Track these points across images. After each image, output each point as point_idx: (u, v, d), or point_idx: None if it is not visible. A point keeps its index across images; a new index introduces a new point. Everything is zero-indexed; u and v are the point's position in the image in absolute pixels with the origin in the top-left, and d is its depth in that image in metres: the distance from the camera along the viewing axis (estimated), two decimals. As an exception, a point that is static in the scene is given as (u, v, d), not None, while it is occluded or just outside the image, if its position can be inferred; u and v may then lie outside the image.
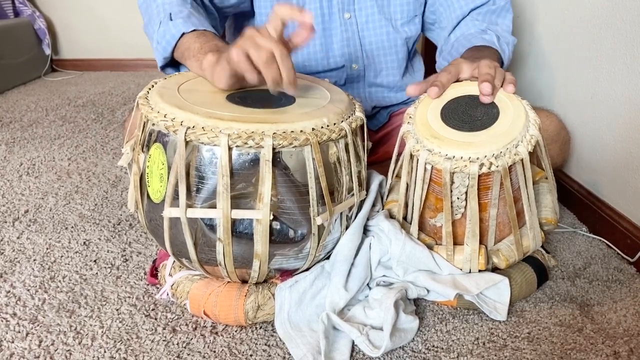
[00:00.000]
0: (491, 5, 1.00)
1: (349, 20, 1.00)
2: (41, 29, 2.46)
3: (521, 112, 0.73)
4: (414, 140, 0.74)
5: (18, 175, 1.30)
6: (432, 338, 0.74)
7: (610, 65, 0.97)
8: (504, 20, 1.01)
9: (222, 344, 0.73)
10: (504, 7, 1.01)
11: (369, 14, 1.01)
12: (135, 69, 2.60)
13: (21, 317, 0.78)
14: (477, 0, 0.99)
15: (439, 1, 1.02)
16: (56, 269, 0.90)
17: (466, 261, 0.77)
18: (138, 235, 1.01)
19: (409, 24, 1.04)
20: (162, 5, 0.84)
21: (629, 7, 0.92)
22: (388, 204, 0.84)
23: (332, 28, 1.00)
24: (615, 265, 0.91)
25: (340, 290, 0.75)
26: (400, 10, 1.02)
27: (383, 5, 1.01)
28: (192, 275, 0.79)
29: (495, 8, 1.00)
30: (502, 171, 0.70)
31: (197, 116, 0.64)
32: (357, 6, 1.00)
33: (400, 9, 1.02)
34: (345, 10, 1.00)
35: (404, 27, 1.04)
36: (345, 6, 0.99)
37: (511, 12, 1.02)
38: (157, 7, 0.84)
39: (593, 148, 1.05)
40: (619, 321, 0.77)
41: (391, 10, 1.02)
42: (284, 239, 0.69)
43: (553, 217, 0.81)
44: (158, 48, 0.83)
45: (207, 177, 0.65)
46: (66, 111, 1.90)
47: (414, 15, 1.04)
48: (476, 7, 0.99)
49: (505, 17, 1.01)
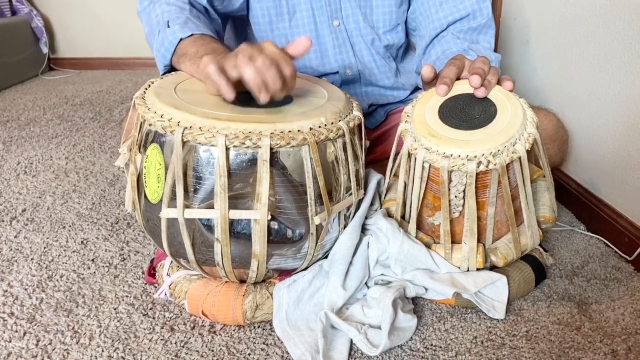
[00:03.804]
0: (472, 21, 0.97)
1: (338, 28, 1.01)
2: (38, 27, 2.45)
3: (519, 110, 0.73)
4: (411, 138, 0.74)
5: (15, 174, 1.30)
6: (431, 337, 0.74)
7: (608, 64, 0.97)
8: (485, 36, 0.98)
9: (220, 343, 0.73)
10: (486, 24, 0.97)
11: (355, 22, 1.01)
12: (132, 68, 2.59)
13: (18, 317, 0.78)
14: (456, 14, 0.97)
15: (419, 10, 1.01)
16: (54, 268, 0.90)
17: (464, 259, 0.77)
18: (136, 234, 1.01)
19: (391, 32, 1.04)
20: (162, 14, 0.85)
21: (627, 5, 0.92)
22: (386, 203, 0.84)
23: (324, 35, 1.01)
24: (613, 263, 0.92)
25: (338, 289, 0.75)
26: (382, 19, 1.03)
27: (367, 13, 1.02)
28: (190, 275, 0.79)
29: (477, 26, 0.97)
30: (499, 169, 0.70)
31: (194, 116, 0.63)
32: (344, 13, 1.00)
33: (382, 17, 1.02)
34: (334, 17, 1.00)
35: (386, 35, 1.04)
36: (334, 13, 1.00)
37: (493, 28, 0.99)
38: (156, 17, 0.85)
39: (591, 146, 1.05)
40: (617, 319, 0.77)
41: (374, 18, 1.03)
42: (282, 238, 0.69)
43: (551, 216, 0.81)
44: (158, 56, 0.84)
45: (204, 178, 0.65)
46: (64, 110, 1.89)
47: (396, 24, 1.04)
48: (455, 20, 0.97)
49: (486, 34, 0.98)
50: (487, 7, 0.97)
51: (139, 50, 2.53)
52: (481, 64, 0.76)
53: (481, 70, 0.75)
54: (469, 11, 0.96)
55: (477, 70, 0.74)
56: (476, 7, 0.96)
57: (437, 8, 0.98)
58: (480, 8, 0.96)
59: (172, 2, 0.87)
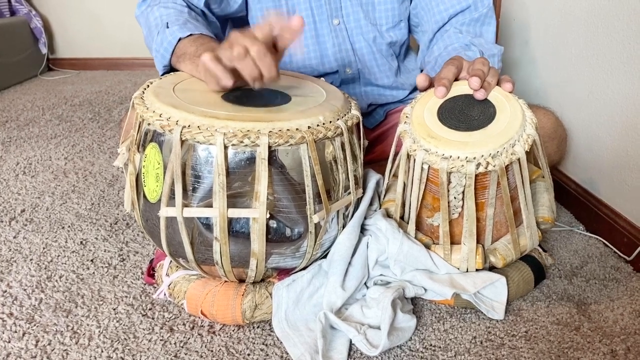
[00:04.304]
0: (473, 12, 0.97)
1: (338, 26, 1.01)
2: (37, 27, 2.45)
3: (518, 111, 0.73)
4: (410, 140, 0.74)
5: (14, 175, 1.30)
6: (430, 337, 0.74)
7: (607, 64, 0.97)
8: (489, 27, 0.98)
9: (219, 343, 0.73)
10: (487, 14, 0.97)
11: (356, 20, 1.01)
12: (131, 68, 2.59)
13: (18, 317, 0.78)
14: (457, 6, 0.97)
15: (421, 5, 1.01)
16: (53, 268, 0.90)
17: (463, 260, 0.77)
18: (135, 235, 1.01)
19: (394, 29, 1.04)
20: (160, 17, 0.85)
21: (626, 6, 0.92)
22: (385, 204, 0.84)
23: (324, 34, 1.01)
24: (612, 263, 0.92)
25: (337, 290, 0.75)
26: (385, 16, 1.03)
27: (368, 11, 1.01)
28: (189, 275, 0.78)
29: (479, 16, 0.97)
30: (499, 171, 0.70)
31: (192, 115, 0.63)
32: (345, 12, 1.00)
33: (385, 14, 1.02)
34: (334, 16, 1.00)
35: (389, 32, 1.04)
36: (333, 12, 1.00)
37: (494, 19, 0.99)
38: (155, 20, 0.86)
39: (590, 146, 1.05)
40: (616, 319, 0.77)
41: (376, 15, 1.02)
42: (281, 237, 0.69)
43: (550, 216, 0.81)
44: (157, 56, 0.84)
45: (203, 176, 0.64)
46: (63, 110, 1.89)
47: (399, 20, 1.04)
48: (456, 13, 0.97)
49: (489, 24, 0.98)
50: None
51: (138, 51, 2.53)
52: (480, 65, 0.76)
53: (480, 71, 0.75)
54: (470, 3, 0.96)
55: (476, 72, 0.74)
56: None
57: (437, 2, 0.98)
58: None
59: (171, 5, 0.88)
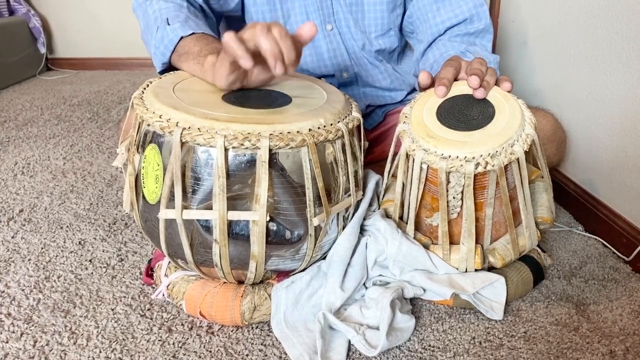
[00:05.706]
0: (469, 25, 0.97)
1: (332, 32, 1.01)
2: (36, 27, 2.44)
3: (517, 111, 0.73)
4: (409, 139, 0.74)
5: (13, 175, 1.30)
6: (429, 337, 0.74)
7: (606, 65, 0.98)
8: (482, 40, 0.98)
9: (218, 344, 0.73)
10: (484, 29, 0.97)
11: (347, 26, 1.01)
12: (130, 68, 2.59)
13: (16, 317, 0.78)
14: (454, 19, 0.96)
15: (416, 14, 1.01)
16: (51, 268, 0.90)
17: (462, 260, 0.77)
18: (134, 235, 1.01)
19: (382, 37, 1.04)
20: (159, 11, 0.84)
21: (625, 6, 0.92)
22: (384, 204, 0.84)
23: (318, 39, 1.01)
24: (611, 264, 0.92)
25: (336, 290, 0.75)
26: (374, 24, 1.02)
27: (358, 18, 1.01)
28: (188, 276, 0.78)
29: (475, 31, 0.97)
30: (498, 170, 0.70)
31: (192, 117, 0.63)
32: (337, 17, 1.00)
33: (374, 22, 1.02)
34: (327, 22, 1.00)
35: (377, 40, 1.04)
36: (326, 18, 1.00)
37: (491, 33, 0.99)
38: (153, 13, 0.84)
39: (589, 147, 1.05)
40: (615, 320, 0.77)
41: (365, 23, 1.02)
42: (281, 240, 0.69)
43: (549, 216, 0.81)
44: (156, 53, 0.83)
45: (203, 179, 0.64)
46: (61, 110, 1.89)
47: (388, 29, 1.04)
48: (452, 25, 0.97)
49: (483, 38, 0.98)
50: (484, 11, 0.97)
51: (137, 51, 2.52)
52: (478, 65, 0.76)
53: (479, 70, 0.75)
54: (467, 16, 0.96)
55: (475, 71, 0.74)
56: (474, 12, 0.96)
57: (434, 14, 0.98)
58: (477, 13, 0.96)
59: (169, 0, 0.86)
